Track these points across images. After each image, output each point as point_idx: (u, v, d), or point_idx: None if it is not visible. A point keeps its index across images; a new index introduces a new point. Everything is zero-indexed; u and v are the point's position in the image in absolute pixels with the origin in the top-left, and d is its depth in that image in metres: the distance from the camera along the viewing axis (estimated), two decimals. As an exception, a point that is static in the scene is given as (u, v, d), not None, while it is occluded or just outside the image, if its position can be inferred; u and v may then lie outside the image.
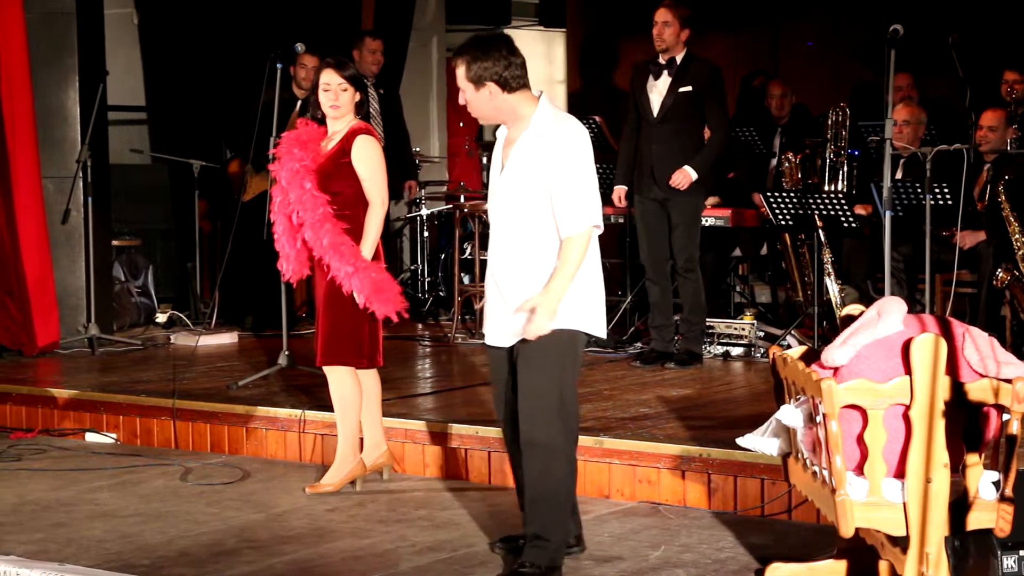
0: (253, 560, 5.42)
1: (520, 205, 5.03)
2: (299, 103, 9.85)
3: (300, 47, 8.32)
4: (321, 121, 6.42)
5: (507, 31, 15.81)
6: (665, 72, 8.35)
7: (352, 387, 6.38)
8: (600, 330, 5.13)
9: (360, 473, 6.46)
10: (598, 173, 10.63)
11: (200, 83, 11.27)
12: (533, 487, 5.05)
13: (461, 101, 5.14)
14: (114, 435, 7.68)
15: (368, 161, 6.30)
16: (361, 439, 6.50)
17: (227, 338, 9.80)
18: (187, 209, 11.10)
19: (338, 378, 6.37)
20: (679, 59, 8.35)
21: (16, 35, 9.17)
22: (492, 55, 5.00)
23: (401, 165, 10.52)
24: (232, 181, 10.18)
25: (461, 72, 5.06)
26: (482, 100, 5.04)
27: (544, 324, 4.92)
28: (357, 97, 6.36)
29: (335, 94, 6.31)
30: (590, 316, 5.07)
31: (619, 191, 8.57)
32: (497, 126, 5.27)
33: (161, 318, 10.65)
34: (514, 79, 5.02)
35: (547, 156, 4.96)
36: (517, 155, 5.04)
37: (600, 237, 5.16)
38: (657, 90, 8.37)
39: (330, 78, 6.31)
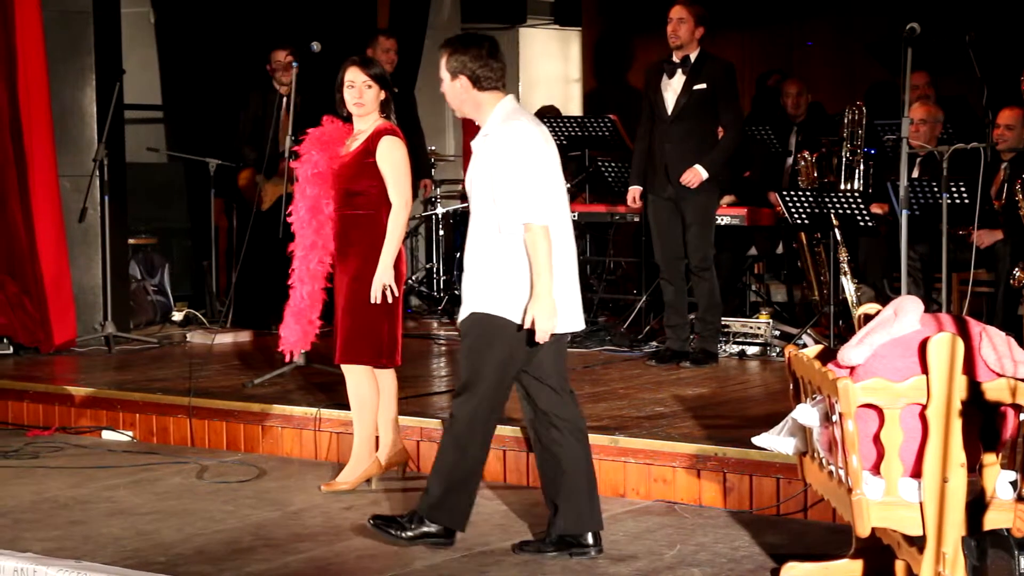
0: (269, 558, 5.43)
1: (473, 200, 5.35)
2: (284, 99, 9.88)
3: (316, 46, 8.33)
4: (347, 119, 6.43)
5: (522, 30, 15.93)
6: (679, 70, 8.35)
7: (369, 386, 6.38)
8: (516, 314, 5.22)
9: (376, 472, 6.47)
10: (615, 171, 10.74)
11: (216, 82, 11.28)
12: (440, 457, 5.38)
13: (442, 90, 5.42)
14: (130, 433, 7.70)
15: (393, 162, 6.29)
16: (377, 437, 6.51)
17: (243, 336, 9.81)
18: (203, 207, 11.13)
19: (356, 377, 6.37)
20: (693, 57, 8.34)
21: (33, 34, 9.19)
22: (471, 52, 5.31)
23: (416, 164, 10.48)
24: (244, 193, 10.16)
25: (442, 62, 5.37)
26: (455, 92, 5.36)
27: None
28: (382, 95, 6.35)
29: (359, 91, 6.30)
30: (510, 303, 5.22)
31: (633, 191, 8.56)
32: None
33: (177, 316, 10.67)
34: (486, 79, 5.31)
35: (489, 155, 5.24)
36: (473, 153, 5.35)
37: (616, 236, 5.23)
38: (672, 88, 8.36)
39: (354, 76, 6.30)
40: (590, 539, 5.37)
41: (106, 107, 9.51)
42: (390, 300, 6.25)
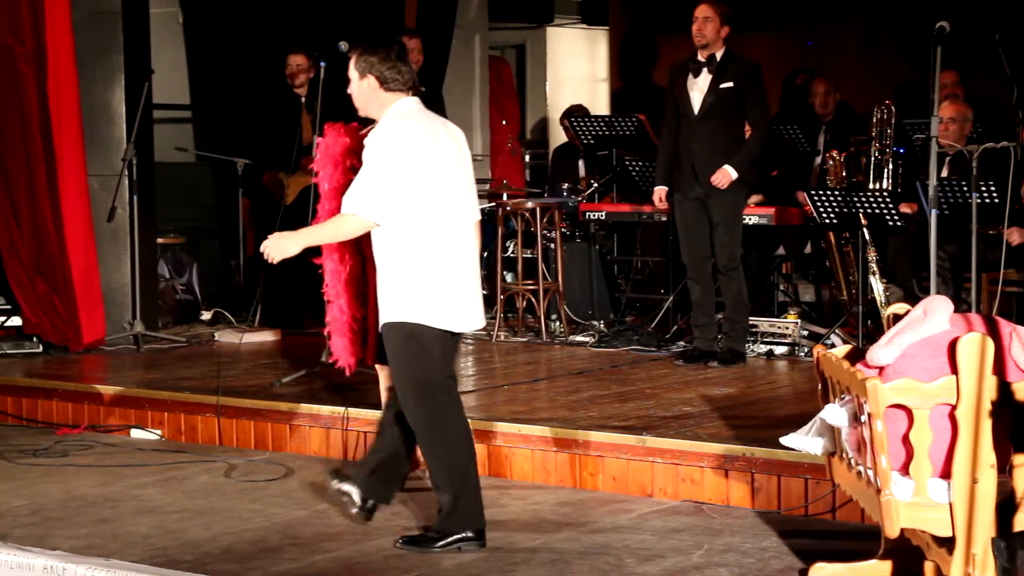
0: (296, 557, 5.44)
1: None
2: (303, 100, 9.99)
3: (343, 45, 8.32)
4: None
5: (550, 29, 15.93)
6: (705, 69, 8.33)
7: None
8: (441, 321, 5.40)
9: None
10: (642, 170, 10.68)
11: (244, 81, 11.32)
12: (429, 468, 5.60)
13: (349, 90, 5.59)
14: (159, 431, 7.73)
15: None
16: None
17: (271, 335, 9.83)
18: (231, 207, 11.16)
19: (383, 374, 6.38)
20: (719, 56, 8.32)
21: (63, 34, 9.24)
22: (380, 54, 5.50)
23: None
24: (271, 191, 10.25)
25: (352, 60, 5.56)
26: (361, 91, 5.53)
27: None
28: None
29: None
30: (424, 308, 5.38)
31: (660, 191, 8.55)
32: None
33: (205, 315, 10.70)
34: (393, 80, 5.49)
35: (368, 147, 5.43)
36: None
37: (643, 236, 5.26)
38: (698, 87, 8.34)
39: None
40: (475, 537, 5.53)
41: (135, 107, 9.55)
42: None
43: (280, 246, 5.49)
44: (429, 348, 5.41)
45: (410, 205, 5.33)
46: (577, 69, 16.25)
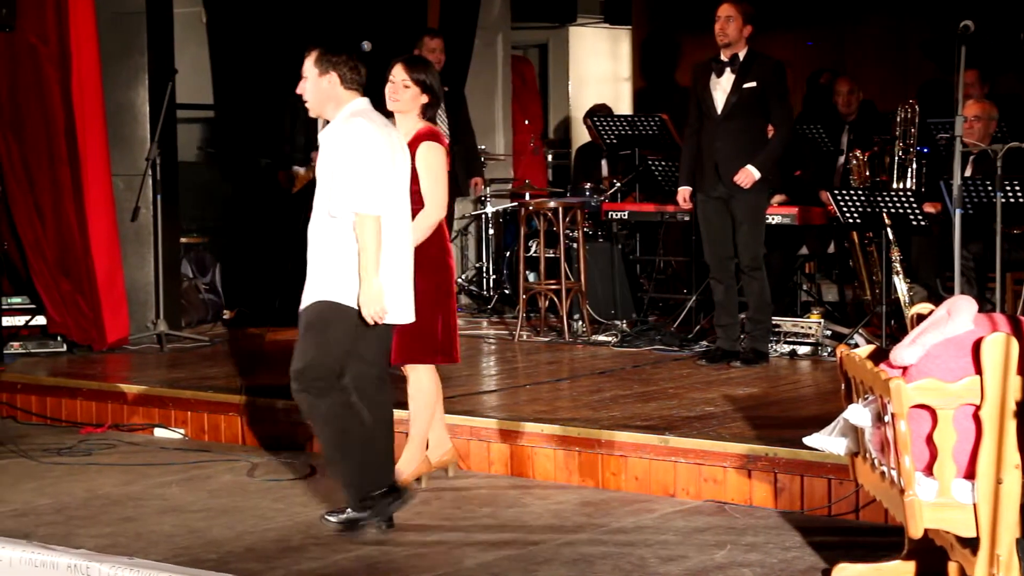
0: (319, 556, 5.45)
1: (318, 191, 5.69)
2: None
3: (366, 45, 8.35)
4: (390, 116, 6.44)
5: (572, 28, 15.92)
6: (728, 69, 8.32)
7: (431, 385, 6.40)
8: (350, 299, 5.59)
9: (425, 471, 6.48)
10: (664, 170, 10.67)
11: (267, 81, 11.33)
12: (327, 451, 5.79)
13: (299, 89, 5.80)
14: (182, 431, 7.75)
15: (429, 167, 6.25)
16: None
17: (293, 334, 9.82)
18: (254, 207, 11.18)
19: (419, 376, 6.37)
20: (742, 56, 8.31)
21: (87, 35, 9.27)
22: (343, 56, 5.74)
23: (467, 162, 10.55)
24: (283, 185, 10.38)
25: (313, 57, 5.74)
26: (321, 87, 5.72)
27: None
28: (423, 99, 6.32)
29: (395, 89, 6.32)
30: (347, 290, 5.59)
31: (683, 192, 8.53)
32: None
33: (228, 315, 10.72)
34: (352, 80, 5.73)
35: (330, 148, 5.63)
36: (320, 146, 5.73)
37: (665, 235, 5.25)
38: (721, 87, 8.33)
39: (396, 73, 6.33)
40: (386, 493, 5.74)
41: (158, 106, 9.58)
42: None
43: (371, 307, 5.56)
44: (342, 327, 5.63)
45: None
46: (600, 69, 16.25)
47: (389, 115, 6.41)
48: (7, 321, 9.07)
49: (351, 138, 5.59)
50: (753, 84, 8.26)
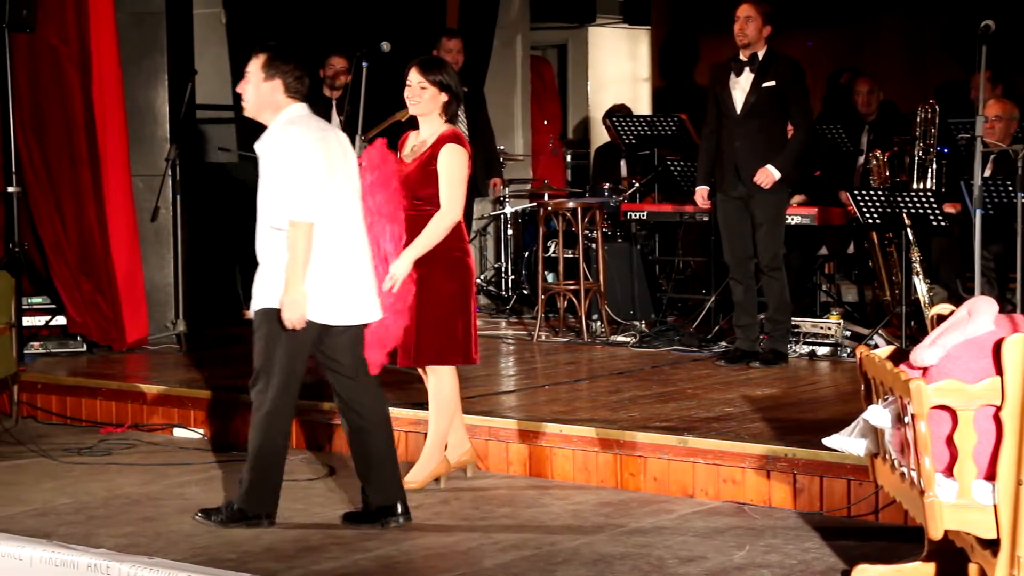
0: (338, 556, 5.46)
1: (259, 198, 5.78)
2: (334, 102, 10.10)
3: (385, 46, 8.35)
4: (413, 122, 6.45)
5: (591, 29, 15.91)
6: (747, 68, 8.31)
7: (452, 386, 6.39)
8: (318, 315, 5.71)
9: (444, 471, 6.48)
10: (683, 170, 10.65)
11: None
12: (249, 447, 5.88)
13: (239, 88, 5.91)
14: (201, 431, 7.76)
15: (449, 170, 6.23)
16: None
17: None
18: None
19: (439, 377, 6.37)
20: (761, 55, 8.30)
21: (107, 35, 9.29)
22: (291, 64, 5.82)
23: (486, 162, 10.57)
24: None
25: (261, 60, 5.83)
26: (264, 91, 5.81)
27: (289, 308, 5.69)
28: (443, 98, 6.32)
29: (413, 92, 6.32)
30: (279, 295, 5.67)
31: (702, 191, 8.53)
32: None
33: (249, 315, 10.70)
34: (295, 90, 5.81)
35: (268, 156, 5.71)
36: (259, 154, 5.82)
37: (684, 236, 5.24)
38: (740, 87, 8.32)
39: (412, 76, 6.33)
40: (399, 508, 5.85)
41: (178, 107, 9.60)
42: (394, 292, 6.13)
43: (292, 312, 5.67)
44: (301, 338, 5.72)
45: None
46: (619, 69, 16.24)
47: (414, 121, 6.41)
48: (28, 321, 9.10)
49: (284, 147, 5.66)
50: (772, 83, 8.25)
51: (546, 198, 10.91)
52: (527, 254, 11.18)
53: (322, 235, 5.66)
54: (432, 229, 6.17)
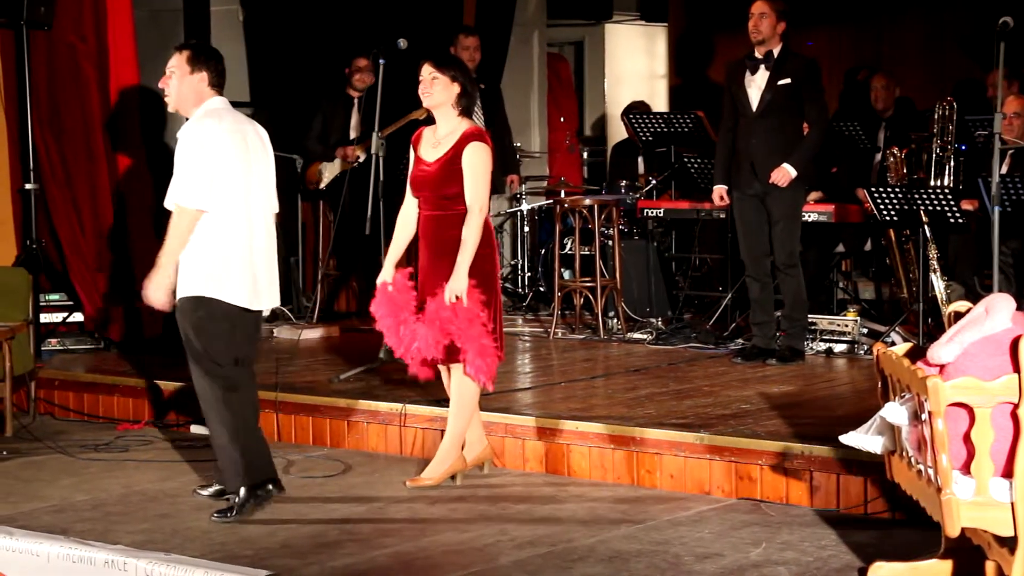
0: (354, 552, 5.46)
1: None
2: (356, 101, 10.18)
3: (402, 43, 8.36)
4: (430, 120, 6.44)
5: (608, 26, 15.89)
6: (762, 66, 8.29)
7: (476, 384, 6.39)
8: (236, 298, 5.94)
9: (461, 468, 6.48)
10: (699, 167, 10.62)
11: (304, 79, 11.36)
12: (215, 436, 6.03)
13: (161, 83, 6.08)
14: (218, 427, 7.76)
15: (475, 168, 6.25)
16: None
17: (329, 331, 9.87)
18: (290, 204, 11.21)
19: (460, 375, 6.36)
20: (776, 53, 8.28)
21: (125, 32, 9.31)
22: (214, 60, 6.10)
23: (502, 159, 10.56)
24: (308, 180, 10.55)
25: (185, 56, 6.05)
26: (190, 83, 6.03)
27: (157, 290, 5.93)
28: (455, 89, 6.32)
29: (426, 83, 6.34)
30: (222, 285, 5.91)
31: (719, 190, 8.50)
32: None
33: (265, 312, 10.73)
34: (217, 83, 6.08)
35: (180, 143, 5.94)
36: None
37: (701, 233, 5.24)
38: (755, 84, 8.30)
39: (423, 71, 6.35)
40: (271, 485, 6.05)
41: (195, 104, 9.60)
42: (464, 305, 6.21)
43: (161, 290, 5.90)
44: (222, 322, 5.93)
45: (218, 193, 5.85)
46: (636, 66, 16.22)
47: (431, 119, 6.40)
48: (45, 318, 9.12)
49: (197, 136, 5.88)
50: (788, 81, 8.23)
51: (563, 195, 10.90)
52: (543, 251, 11.17)
53: (235, 224, 5.90)
54: (471, 233, 6.21)
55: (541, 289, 11.16)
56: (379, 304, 6.44)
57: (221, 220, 5.88)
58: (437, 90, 6.32)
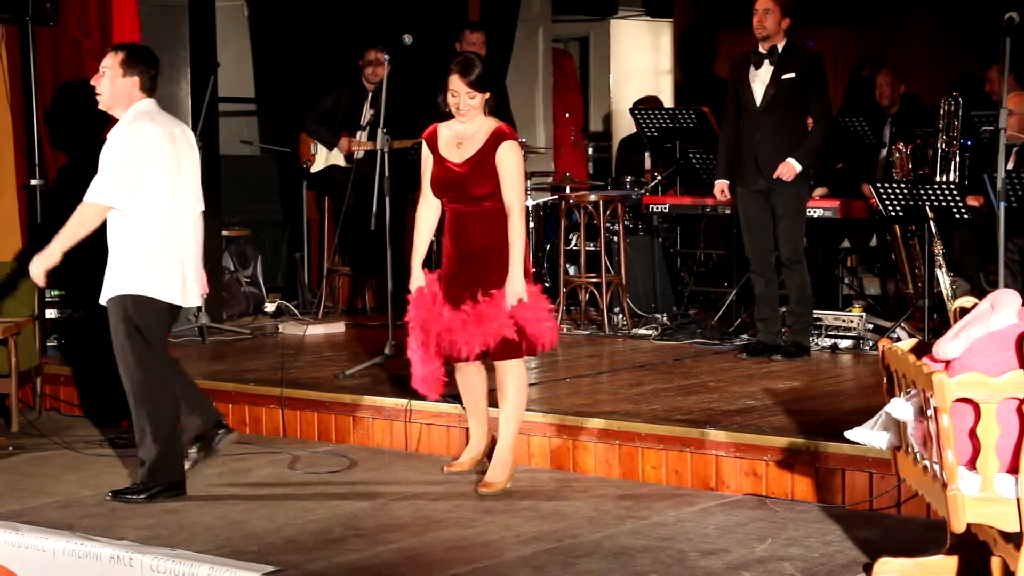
0: (360, 548, 5.47)
1: None
2: (370, 95, 10.20)
3: (407, 38, 8.35)
4: (448, 115, 6.37)
5: (613, 21, 15.88)
6: (767, 61, 8.29)
7: (525, 384, 6.39)
8: (164, 294, 6.15)
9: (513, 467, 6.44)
10: (704, 163, 10.61)
11: (309, 74, 11.37)
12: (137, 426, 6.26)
13: (93, 81, 6.23)
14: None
15: (512, 167, 6.18)
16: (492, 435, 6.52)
17: (335, 327, 9.87)
18: (296, 200, 11.22)
19: (517, 372, 6.33)
20: (780, 48, 8.28)
21: (130, 28, 9.30)
22: (152, 61, 6.26)
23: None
24: (300, 153, 10.68)
25: (120, 57, 6.19)
26: (121, 85, 6.19)
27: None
28: (486, 96, 6.24)
29: (461, 101, 6.21)
30: (151, 282, 6.11)
31: (721, 184, 8.50)
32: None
33: (270, 307, 10.76)
34: (149, 87, 6.24)
35: (108, 142, 6.13)
36: None
37: (706, 228, 5.23)
38: (760, 79, 8.30)
39: (456, 85, 6.22)
40: (222, 426, 6.53)
41: (200, 100, 9.61)
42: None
43: (40, 266, 6.13)
44: (152, 318, 6.13)
45: (144, 192, 6.04)
46: (641, 62, 16.21)
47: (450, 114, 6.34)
48: (51, 314, 9.13)
49: (125, 137, 6.07)
50: (792, 76, 8.23)
51: (568, 191, 10.90)
52: (549, 247, 11.16)
53: (166, 223, 6.10)
54: (517, 234, 6.17)
55: (546, 285, 11.13)
56: (417, 310, 6.35)
57: (153, 219, 6.07)
58: (474, 104, 6.22)
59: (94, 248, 6.26)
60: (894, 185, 8.57)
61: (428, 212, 6.43)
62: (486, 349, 6.21)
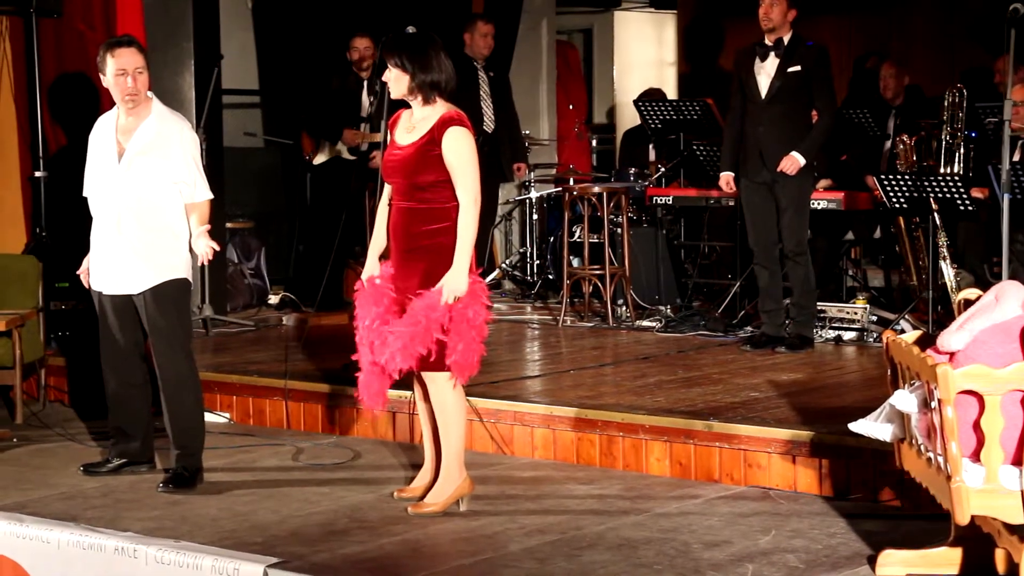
0: (364, 540, 5.47)
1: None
2: (365, 83, 10.19)
3: (411, 30, 8.33)
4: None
5: (617, 13, 15.87)
6: (772, 53, 8.28)
7: (461, 393, 5.79)
8: (190, 276, 6.47)
9: (467, 491, 5.87)
10: (708, 155, 10.64)
11: (313, 66, 11.37)
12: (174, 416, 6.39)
13: (137, 85, 6.35)
14: (228, 415, 7.79)
15: (459, 154, 5.65)
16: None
17: (339, 319, 9.87)
18: (299, 192, 11.22)
19: (443, 385, 5.74)
20: (786, 40, 8.26)
21: (134, 20, 9.30)
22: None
23: (511, 147, 10.56)
24: (304, 147, 10.60)
25: (143, 53, 6.44)
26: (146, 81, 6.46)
27: None
28: (405, 79, 5.72)
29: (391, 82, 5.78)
30: (186, 265, 6.40)
31: (726, 176, 8.50)
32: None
33: (273, 299, 10.77)
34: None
35: None
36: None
37: (710, 220, 5.22)
38: (765, 71, 8.29)
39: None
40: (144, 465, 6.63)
41: (204, 92, 9.60)
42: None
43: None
44: (188, 303, 6.51)
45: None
46: (645, 53, 16.20)
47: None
48: (54, 305, 9.13)
49: (187, 131, 6.53)
50: (797, 68, 8.22)
51: (571, 183, 10.89)
52: (552, 239, 11.17)
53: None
54: (467, 227, 5.61)
55: (550, 277, 11.16)
56: (362, 301, 5.80)
57: (182, 207, 6.44)
58: (391, 82, 5.76)
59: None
60: (898, 177, 8.56)
61: (388, 198, 5.88)
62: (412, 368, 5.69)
